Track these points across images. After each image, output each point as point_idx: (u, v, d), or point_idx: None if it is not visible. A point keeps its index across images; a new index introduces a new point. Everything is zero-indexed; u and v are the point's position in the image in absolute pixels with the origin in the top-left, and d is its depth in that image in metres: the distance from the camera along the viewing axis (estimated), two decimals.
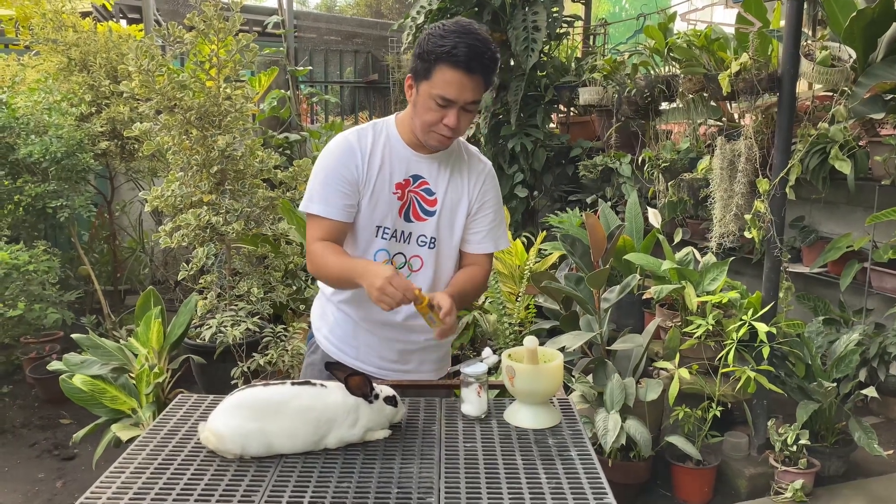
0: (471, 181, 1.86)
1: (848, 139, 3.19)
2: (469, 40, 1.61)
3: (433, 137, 1.71)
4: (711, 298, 3.20)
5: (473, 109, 1.70)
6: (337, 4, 18.12)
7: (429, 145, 1.76)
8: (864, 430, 3.00)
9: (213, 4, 3.61)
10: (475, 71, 1.62)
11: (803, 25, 3.33)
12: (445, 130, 1.68)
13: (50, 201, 4.22)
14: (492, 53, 1.65)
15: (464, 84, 1.63)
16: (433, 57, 1.62)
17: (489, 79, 1.68)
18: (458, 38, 1.60)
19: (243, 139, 3.80)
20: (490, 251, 1.91)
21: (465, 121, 1.69)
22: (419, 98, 1.69)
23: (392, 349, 1.88)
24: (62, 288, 4.16)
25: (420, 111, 1.70)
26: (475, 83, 1.64)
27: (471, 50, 1.60)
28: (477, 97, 1.67)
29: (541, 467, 1.38)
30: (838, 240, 3.70)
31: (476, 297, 1.93)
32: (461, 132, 1.73)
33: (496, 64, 1.68)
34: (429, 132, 1.71)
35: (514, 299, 3.88)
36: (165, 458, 1.42)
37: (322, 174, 1.76)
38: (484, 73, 1.65)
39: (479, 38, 1.63)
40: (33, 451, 3.70)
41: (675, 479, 3.18)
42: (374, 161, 1.77)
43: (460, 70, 1.61)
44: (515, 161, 4.87)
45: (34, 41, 4.94)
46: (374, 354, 1.88)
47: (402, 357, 1.89)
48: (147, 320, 3.34)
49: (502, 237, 1.93)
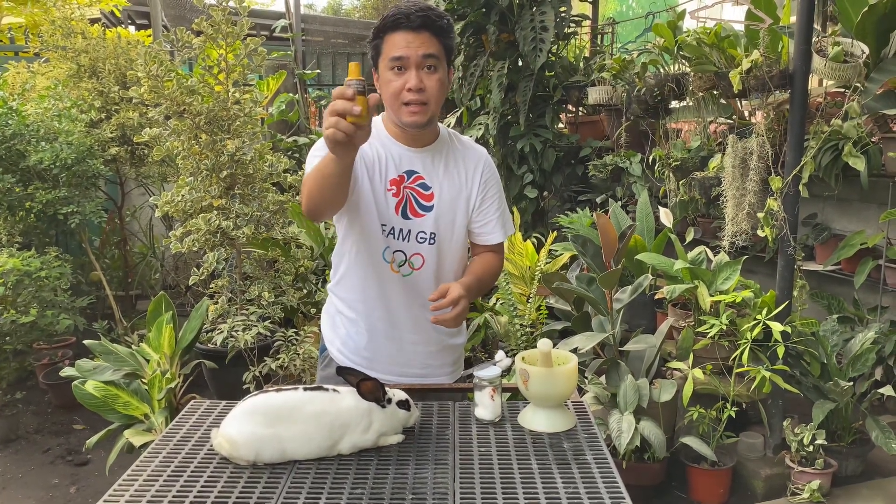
0: (468, 171, 1.84)
1: (861, 135, 3.16)
2: (405, 5, 1.65)
3: (404, 112, 1.69)
4: (725, 298, 3.17)
5: (434, 68, 1.67)
6: (343, 7, 18.15)
7: (403, 122, 1.71)
8: (881, 429, 2.97)
9: (221, 9, 3.61)
10: (416, 24, 1.64)
11: (814, 21, 3.30)
12: (411, 95, 1.66)
13: (61, 208, 4.24)
14: (433, 10, 1.67)
15: (409, 40, 1.64)
16: (380, 32, 1.68)
17: (439, 32, 1.67)
18: (397, 9, 1.66)
19: (252, 143, 3.80)
20: (501, 240, 1.90)
21: (430, 81, 1.67)
22: (380, 77, 1.71)
23: (410, 355, 1.86)
24: (74, 294, 4.18)
25: (384, 89, 1.70)
26: (423, 38, 1.65)
27: (407, 9, 1.64)
28: (429, 50, 1.65)
29: (556, 471, 1.36)
30: (852, 237, 3.66)
31: (493, 282, 1.92)
32: (430, 94, 1.68)
33: (442, 20, 1.68)
34: (399, 107, 1.69)
35: (525, 300, 3.86)
36: (179, 464, 1.41)
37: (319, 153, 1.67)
38: (427, 26, 1.65)
39: (415, 2, 1.67)
40: (47, 457, 3.71)
41: (691, 481, 3.15)
42: (367, 157, 1.74)
43: (402, 29, 1.65)
44: (525, 161, 4.85)
45: (44, 48, 4.98)
46: (389, 361, 1.86)
47: (417, 361, 1.88)
48: (158, 325, 3.35)
49: (508, 222, 1.93)
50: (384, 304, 1.82)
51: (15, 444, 3.84)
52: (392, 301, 1.82)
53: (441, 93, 1.70)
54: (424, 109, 1.69)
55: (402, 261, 1.79)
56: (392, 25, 1.66)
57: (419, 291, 1.81)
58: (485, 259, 1.89)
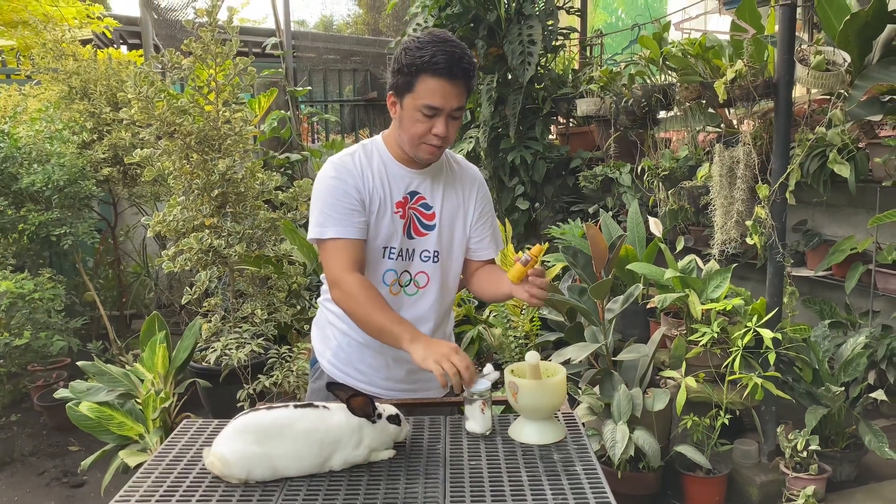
0: (465, 191, 1.89)
1: (847, 142, 3.19)
2: (447, 48, 1.63)
3: (424, 150, 1.72)
4: (716, 306, 3.19)
5: (459, 116, 1.72)
6: (335, 23, 18.24)
7: (419, 158, 1.76)
8: (874, 433, 2.98)
9: (210, 30, 3.63)
10: (457, 77, 1.65)
11: (798, 30, 3.34)
12: (435, 140, 1.70)
13: (53, 229, 4.24)
14: (469, 58, 1.68)
15: (447, 91, 1.65)
16: (414, 69, 1.64)
17: (470, 84, 1.70)
18: (436, 47, 1.63)
19: (243, 162, 3.82)
20: (494, 255, 1.96)
21: (452, 128, 1.71)
22: (404, 113, 1.70)
23: (400, 368, 1.88)
24: (68, 315, 4.18)
25: (407, 125, 1.71)
26: (458, 89, 1.67)
27: (450, 57, 1.63)
28: (461, 103, 1.69)
29: (546, 484, 1.37)
30: (842, 242, 3.68)
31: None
32: (451, 140, 1.74)
33: (475, 68, 1.70)
34: (419, 145, 1.71)
35: (518, 312, 3.87)
36: (171, 484, 1.42)
37: (327, 197, 1.74)
38: (465, 77, 1.67)
39: (455, 45, 1.66)
40: (42, 480, 3.69)
41: (686, 489, 3.16)
42: (373, 181, 1.77)
43: (443, 78, 1.63)
44: (516, 174, 4.88)
45: (35, 71, 4.99)
46: (381, 376, 1.88)
47: (409, 376, 1.89)
48: (152, 345, 3.35)
49: (499, 238, 2.00)
50: None
51: (10, 468, 3.82)
52: None
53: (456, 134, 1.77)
54: (442, 151, 1.76)
55: (408, 280, 1.83)
56: (432, 70, 1.63)
57: (415, 309, 1.85)
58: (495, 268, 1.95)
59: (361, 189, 1.75)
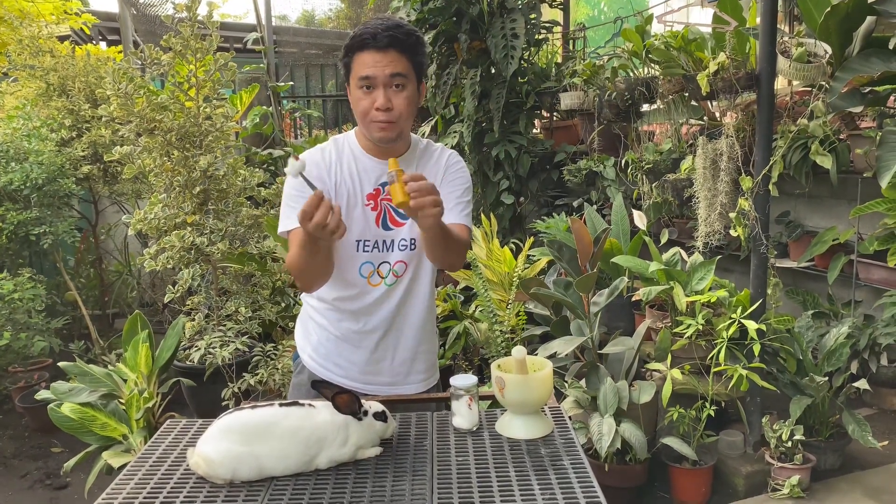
0: (436, 170, 1.84)
1: (828, 134, 3.21)
2: (374, 23, 1.68)
3: (374, 128, 1.72)
4: (700, 298, 3.20)
5: (403, 86, 1.70)
6: (316, 18, 18.14)
7: (374, 139, 1.75)
8: (857, 422, 3.01)
9: (190, 25, 3.59)
10: (383, 43, 1.66)
11: (780, 23, 3.35)
12: (379, 114, 1.69)
13: (33, 228, 4.19)
14: (403, 28, 1.68)
15: (377, 59, 1.66)
16: (349, 51, 1.70)
17: (407, 50, 1.69)
18: (364, 26, 1.69)
19: (225, 158, 3.78)
20: (455, 220, 1.79)
21: (397, 100, 1.69)
22: (351, 95, 1.74)
23: (377, 362, 1.87)
24: (49, 315, 4.13)
25: (355, 105, 1.73)
26: (389, 57, 1.67)
27: (374, 28, 1.66)
28: (396, 69, 1.67)
29: (534, 478, 1.37)
30: (824, 233, 3.71)
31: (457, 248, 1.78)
32: (398, 113, 1.70)
33: (410, 37, 1.69)
34: (368, 123, 1.72)
35: (504, 307, 3.87)
36: (155, 485, 1.40)
37: (291, 191, 1.76)
38: (396, 45, 1.66)
39: (385, 19, 1.69)
40: (25, 482, 3.65)
41: (673, 481, 3.17)
42: (340, 174, 1.78)
43: (370, 49, 1.67)
44: (500, 168, 4.87)
45: (12, 68, 4.92)
46: (359, 370, 1.86)
47: (387, 370, 1.88)
48: (134, 345, 3.31)
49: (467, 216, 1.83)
50: (355, 313, 1.83)
51: None
52: (364, 311, 1.83)
53: (409, 109, 1.73)
54: (393, 126, 1.72)
55: (387, 271, 1.82)
56: (360, 45, 1.68)
57: (393, 300, 1.84)
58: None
59: (326, 180, 1.76)
